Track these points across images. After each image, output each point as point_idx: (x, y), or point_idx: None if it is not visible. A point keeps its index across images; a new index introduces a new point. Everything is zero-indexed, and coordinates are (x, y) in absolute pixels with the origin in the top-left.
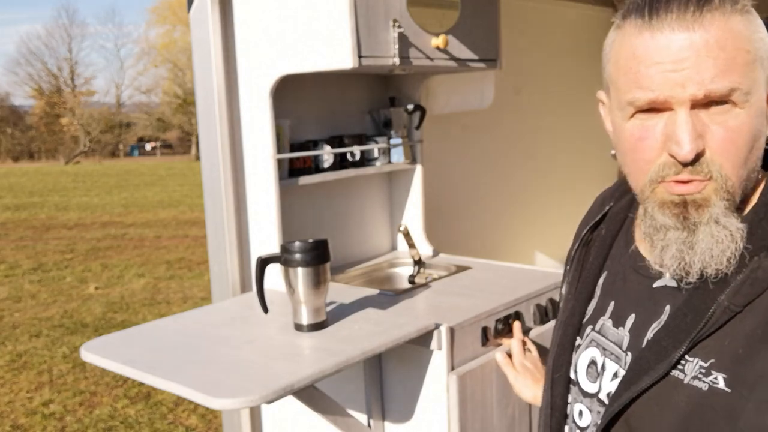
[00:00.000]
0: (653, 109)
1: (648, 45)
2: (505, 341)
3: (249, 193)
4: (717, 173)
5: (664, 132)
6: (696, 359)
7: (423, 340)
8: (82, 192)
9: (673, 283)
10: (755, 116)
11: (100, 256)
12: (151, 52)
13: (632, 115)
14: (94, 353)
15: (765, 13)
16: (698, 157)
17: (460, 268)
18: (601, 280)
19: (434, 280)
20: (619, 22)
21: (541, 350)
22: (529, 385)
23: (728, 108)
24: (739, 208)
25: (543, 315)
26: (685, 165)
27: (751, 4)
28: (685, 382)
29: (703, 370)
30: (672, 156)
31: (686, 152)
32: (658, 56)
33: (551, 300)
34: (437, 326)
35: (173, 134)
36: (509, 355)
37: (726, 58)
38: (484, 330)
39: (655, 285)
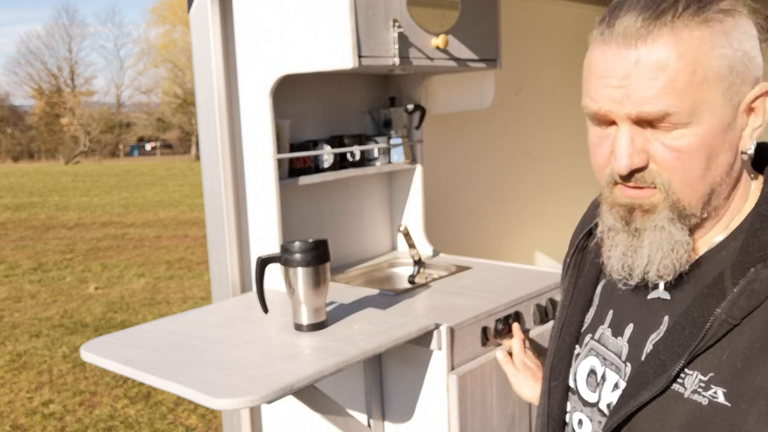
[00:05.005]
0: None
1: (598, 58)
2: (506, 342)
3: (249, 193)
4: (661, 185)
5: (611, 143)
6: (695, 373)
7: (423, 340)
8: (82, 192)
9: (667, 296)
10: (708, 135)
11: (100, 256)
12: (151, 52)
13: (593, 122)
14: (94, 353)
15: (765, 12)
16: (639, 170)
17: (460, 268)
18: (599, 288)
19: (434, 280)
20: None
21: (541, 350)
22: (529, 384)
23: (671, 128)
24: (721, 218)
25: (543, 315)
26: (622, 178)
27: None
28: (685, 396)
29: (702, 384)
30: None
31: (622, 167)
32: (603, 70)
33: (551, 300)
34: (437, 326)
35: (173, 134)
36: (510, 354)
37: (665, 80)
38: (484, 330)
39: (649, 297)
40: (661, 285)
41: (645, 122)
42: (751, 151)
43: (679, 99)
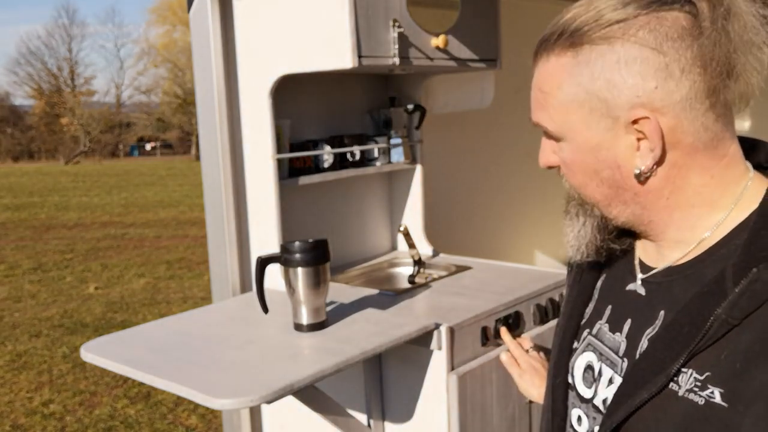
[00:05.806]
0: None
1: None
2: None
3: (249, 193)
4: (566, 183)
5: None
6: (690, 370)
7: (423, 340)
8: (82, 192)
9: (642, 290)
10: (579, 152)
11: (100, 256)
12: (151, 52)
13: None
14: (94, 353)
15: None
16: (559, 168)
17: (460, 268)
18: (599, 283)
19: (434, 280)
20: None
21: (544, 350)
22: (536, 384)
23: (555, 139)
24: (683, 227)
25: (543, 315)
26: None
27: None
28: (680, 394)
29: (698, 383)
30: None
31: (539, 164)
32: None
33: (551, 300)
34: (437, 326)
35: (173, 134)
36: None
37: (537, 98)
38: (484, 330)
39: (627, 288)
40: (639, 279)
41: None
42: (638, 171)
43: (549, 117)
